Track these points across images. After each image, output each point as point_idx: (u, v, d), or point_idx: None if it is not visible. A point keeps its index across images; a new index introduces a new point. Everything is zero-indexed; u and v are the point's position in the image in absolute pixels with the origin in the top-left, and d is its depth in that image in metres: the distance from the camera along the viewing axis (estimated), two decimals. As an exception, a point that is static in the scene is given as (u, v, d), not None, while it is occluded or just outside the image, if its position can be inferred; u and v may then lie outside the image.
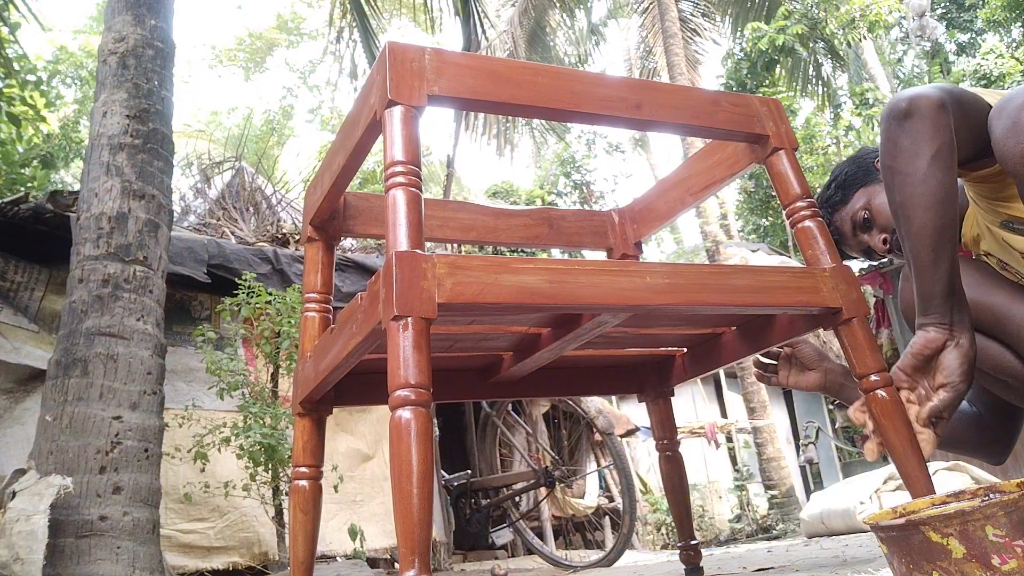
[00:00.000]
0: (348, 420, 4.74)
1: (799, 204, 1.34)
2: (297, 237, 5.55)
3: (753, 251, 11.50)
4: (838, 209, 1.62)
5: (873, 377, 1.24)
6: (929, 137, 1.10)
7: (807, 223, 1.34)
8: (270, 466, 3.38)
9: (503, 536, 5.94)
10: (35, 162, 8.33)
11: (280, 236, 5.70)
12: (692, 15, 12.54)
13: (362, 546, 3.92)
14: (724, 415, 10.84)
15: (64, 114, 10.62)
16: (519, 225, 1.71)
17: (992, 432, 1.48)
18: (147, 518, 2.70)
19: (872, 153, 1.62)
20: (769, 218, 13.26)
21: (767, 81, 10.98)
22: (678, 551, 1.80)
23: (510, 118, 11.83)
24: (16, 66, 6.52)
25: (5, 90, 6.12)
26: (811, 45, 10.98)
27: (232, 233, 5.62)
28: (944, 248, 1.12)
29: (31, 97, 6.76)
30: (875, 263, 5.81)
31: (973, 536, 0.81)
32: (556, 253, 10.38)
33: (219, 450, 3.36)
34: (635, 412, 8.00)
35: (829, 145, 11.20)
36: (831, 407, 10.95)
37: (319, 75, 21.75)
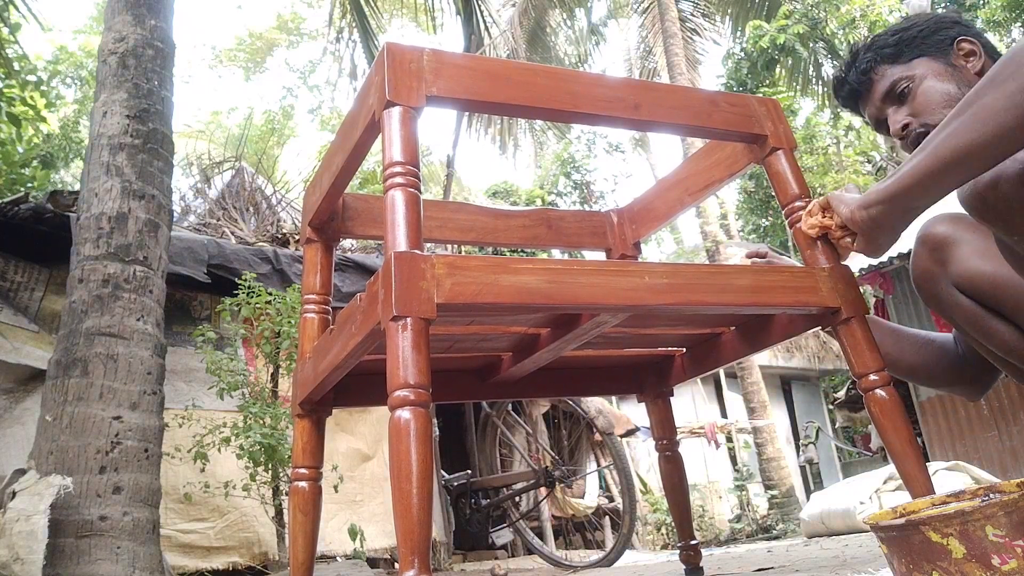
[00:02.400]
0: (348, 420, 4.74)
1: (798, 204, 1.34)
2: (297, 237, 5.55)
3: (753, 251, 11.48)
4: (885, 63, 1.37)
5: (872, 376, 1.25)
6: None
7: (806, 223, 1.34)
8: (270, 466, 3.38)
9: (503, 536, 5.93)
10: (35, 162, 8.33)
11: (280, 236, 5.70)
12: (692, 15, 12.53)
13: (362, 546, 3.92)
14: (724, 415, 10.83)
15: (64, 114, 10.62)
16: (518, 226, 1.71)
17: (973, 371, 1.45)
18: (147, 518, 2.69)
19: (957, 25, 1.37)
20: (769, 218, 13.27)
21: (767, 81, 10.98)
22: (678, 551, 1.80)
23: (512, 117, 11.82)
24: (16, 66, 6.52)
25: (5, 90, 6.11)
26: (811, 45, 10.98)
27: (232, 233, 5.62)
28: (954, 180, 1.07)
29: (31, 97, 6.76)
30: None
31: (973, 536, 0.81)
32: (556, 254, 10.37)
33: (219, 450, 3.36)
34: (635, 412, 7.99)
35: (829, 145, 11.20)
36: (831, 407, 10.95)
37: (319, 75, 21.78)
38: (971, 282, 1.24)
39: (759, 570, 2.42)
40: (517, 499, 5.00)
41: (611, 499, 7.16)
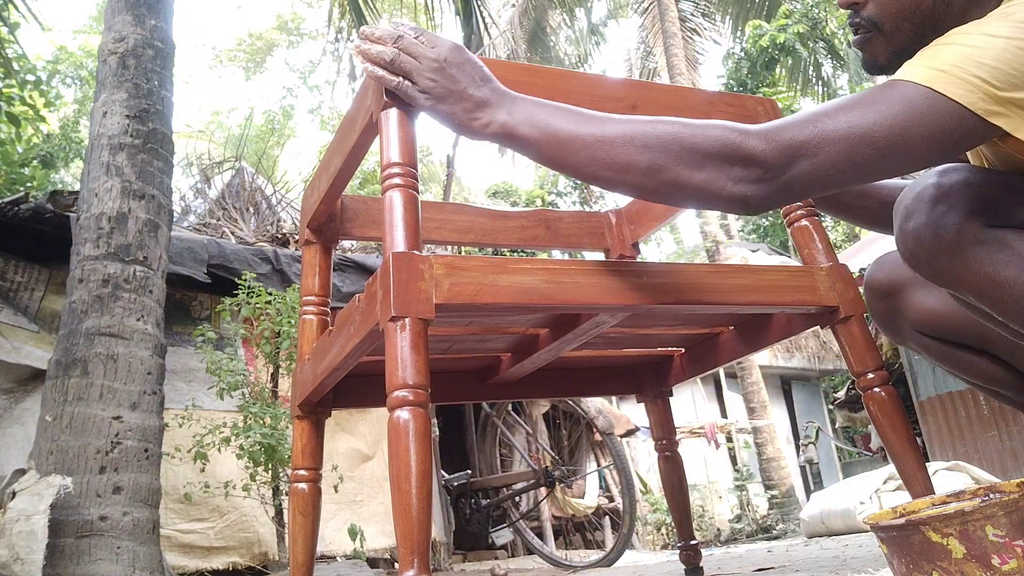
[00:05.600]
0: (348, 420, 4.74)
1: (797, 203, 1.34)
2: (297, 237, 5.55)
3: (753, 251, 11.50)
4: None
5: (871, 375, 1.25)
6: None
7: (804, 222, 1.34)
8: (270, 466, 3.38)
9: (503, 536, 5.93)
10: (35, 162, 8.33)
11: (280, 236, 5.70)
12: (692, 15, 12.53)
13: (362, 546, 3.92)
14: (724, 415, 10.83)
15: (64, 114, 10.62)
16: (516, 227, 1.71)
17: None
18: (147, 518, 2.70)
19: None
20: (769, 218, 13.27)
21: (767, 81, 10.98)
22: (678, 551, 1.80)
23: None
24: (16, 66, 6.52)
25: (5, 90, 6.11)
26: (811, 45, 10.98)
27: (232, 233, 5.62)
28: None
29: (30, 97, 6.76)
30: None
31: (973, 536, 0.81)
32: (556, 255, 10.37)
33: (219, 450, 3.36)
34: (635, 412, 7.99)
35: (829, 145, 11.17)
36: (831, 407, 10.95)
37: (319, 75, 21.77)
38: (931, 325, 1.18)
39: (759, 570, 2.42)
40: (517, 499, 5.01)
41: (611, 499, 7.16)
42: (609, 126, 0.93)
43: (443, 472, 5.16)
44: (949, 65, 0.86)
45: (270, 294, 3.57)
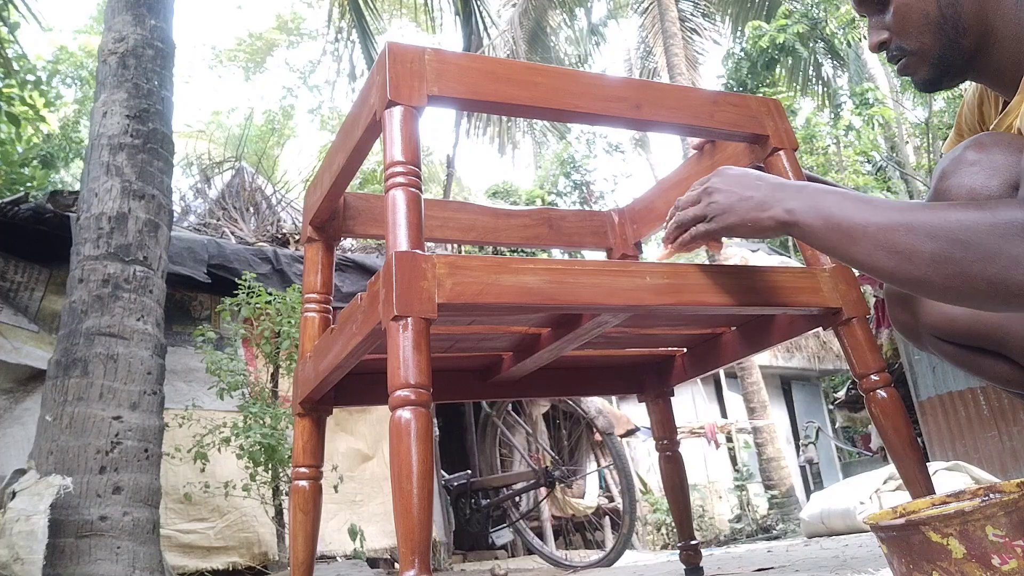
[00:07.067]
0: (348, 420, 4.74)
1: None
2: (297, 237, 5.55)
3: (753, 251, 11.50)
4: None
5: (873, 377, 1.25)
6: None
7: (807, 223, 1.33)
8: (270, 466, 3.38)
9: (503, 536, 5.93)
10: (35, 162, 8.33)
11: (280, 236, 5.70)
12: (692, 15, 12.54)
13: (362, 546, 3.92)
14: (724, 415, 10.83)
15: (64, 114, 10.62)
16: (519, 225, 1.71)
17: None
18: (147, 518, 2.70)
19: None
20: (769, 218, 13.20)
21: (767, 81, 10.97)
22: (678, 551, 1.80)
23: (511, 117, 11.83)
24: (16, 66, 6.51)
25: (5, 90, 6.11)
26: (811, 45, 10.98)
27: (232, 233, 5.61)
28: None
29: (30, 97, 6.75)
30: None
31: (973, 536, 0.81)
32: (556, 253, 10.37)
33: (219, 450, 3.36)
34: (635, 412, 7.99)
35: (829, 145, 11.21)
36: (831, 407, 10.96)
37: (319, 75, 21.76)
38: (945, 330, 1.20)
39: (759, 570, 2.42)
40: (517, 499, 5.00)
41: (611, 499, 7.16)
42: (891, 213, 0.89)
43: (443, 472, 5.16)
44: None
45: (270, 294, 3.57)
